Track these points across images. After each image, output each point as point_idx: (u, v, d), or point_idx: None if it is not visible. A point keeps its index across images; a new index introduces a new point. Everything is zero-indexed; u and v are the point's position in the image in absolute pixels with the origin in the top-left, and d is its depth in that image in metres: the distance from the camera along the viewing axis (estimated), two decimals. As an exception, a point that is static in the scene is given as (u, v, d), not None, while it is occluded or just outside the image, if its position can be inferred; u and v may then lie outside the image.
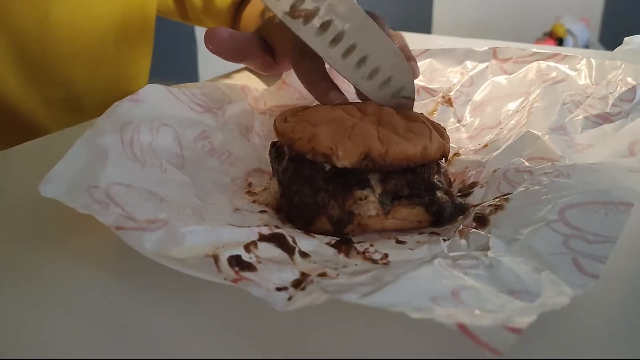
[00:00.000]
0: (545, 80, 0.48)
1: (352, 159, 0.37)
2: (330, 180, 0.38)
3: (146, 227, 0.30)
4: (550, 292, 0.27)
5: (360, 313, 0.30)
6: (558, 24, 2.38)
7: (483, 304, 0.25)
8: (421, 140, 0.39)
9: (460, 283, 0.27)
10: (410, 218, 0.38)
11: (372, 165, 0.37)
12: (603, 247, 0.29)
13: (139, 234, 0.30)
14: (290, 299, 0.27)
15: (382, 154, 0.37)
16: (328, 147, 0.37)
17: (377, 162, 0.37)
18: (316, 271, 0.31)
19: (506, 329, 0.23)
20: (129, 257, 0.32)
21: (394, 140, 0.38)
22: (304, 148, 0.38)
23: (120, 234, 0.30)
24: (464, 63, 0.57)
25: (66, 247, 0.36)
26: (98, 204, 0.32)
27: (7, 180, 0.46)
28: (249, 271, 0.29)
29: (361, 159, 0.37)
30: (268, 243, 0.33)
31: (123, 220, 0.31)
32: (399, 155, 0.38)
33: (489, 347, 0.23)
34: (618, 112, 0.43)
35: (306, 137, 0.38)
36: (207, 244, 0.30)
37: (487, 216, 0.36)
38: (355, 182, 0.38)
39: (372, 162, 0.37)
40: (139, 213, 0.32)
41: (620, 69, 0.46)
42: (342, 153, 0.37)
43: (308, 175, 0.38)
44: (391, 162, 0.38)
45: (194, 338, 0.29)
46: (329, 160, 0.37)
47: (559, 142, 0.41)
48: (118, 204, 0.32)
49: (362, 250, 0.35)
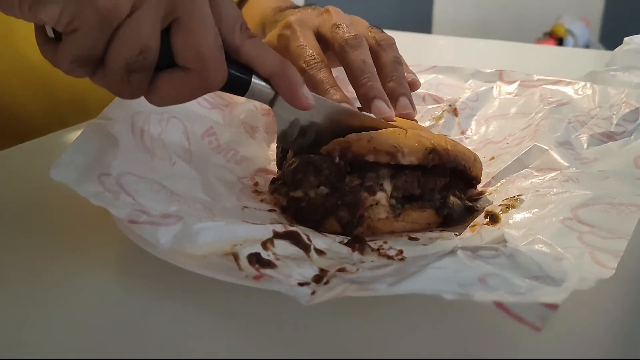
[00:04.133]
0: (550, 103, 0.50)
1: (418, 154, 0.37)
2: (340, 181, 0.37)
3: (161, 221, 0.30)
4: (573, 279, 0.27)
5: (361, 313, 0.30)
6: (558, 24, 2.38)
7: (511, 288, 0.26)
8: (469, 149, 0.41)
9: (485, 271, 0.27)
10: (420, 221, 0.39)
11: (439, 160, 0.37)
12: (617, 242, 0.30)
13: (154, 228, 0.30)
14: (313, 293, 0.28)
15: (446, 149, 0.38)
16: (391, 145, 0.37)
17: (442, 156, 0.37)
18: (335, 267, 0.31)
19: (543, 305, 0.23)
20: (130, 257, 0.32)
21: (451, 142, 0.39)
22: (364, 149, 0.37)
23: (135, 228, 0.30)
24: (470, 82, 0.58)
25: (66, 247, 0.36)
26: (109, 192, 0.32)
27: (8, 180, 0.46)
28: (269, 268, 0.29)
29: (427, 153, 0.37)
30: (283, 240, 0.33)
31: (136, 213, 0.31)
32: (461, 150, 0.38)
33: (527, 323, 0.23)
34: (622, 132, 0.44)
35: (365, 138, 0.37)
36: (222, 240, 0.31)
37: (498, 214, 0.37)
38: (366, 183, 0.37)
39: (438, 156, 0.37)
40: (151, 205, 0.32)
41: (623, 93, 0.47)
42: (407, 150, 0.37)
43: (317, 176, 0.37)
44: (454, 157, 0.38)
45: (195, 338, 0.29)
46: (393, 158, 0.37)
47: (566, 154, 0.42)
48: (129, 193, 0.32)
49: (377, 248, 0.35)
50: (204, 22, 0.31)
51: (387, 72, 0.46)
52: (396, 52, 0.48)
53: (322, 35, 0.49)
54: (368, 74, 0.45)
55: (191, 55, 0.31)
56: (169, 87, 0.32)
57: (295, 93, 0.35)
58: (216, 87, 0.33)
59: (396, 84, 0.46)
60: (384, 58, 0.47)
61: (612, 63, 0.56)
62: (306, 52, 0.46)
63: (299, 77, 0.35)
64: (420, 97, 0.57)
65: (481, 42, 1.12)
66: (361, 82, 0.45)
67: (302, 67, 0.46)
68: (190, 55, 0.31)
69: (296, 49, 0.47)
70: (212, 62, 0.31)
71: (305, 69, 0.46)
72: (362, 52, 0.46)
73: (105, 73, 0.31)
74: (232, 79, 0.34)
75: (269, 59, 0.34)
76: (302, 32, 0.48)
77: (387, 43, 0.48)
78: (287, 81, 0.35)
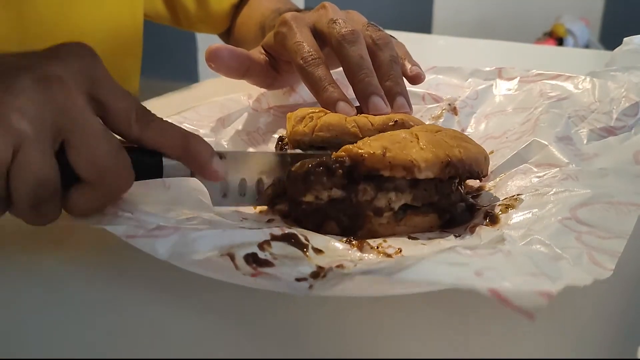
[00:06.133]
0: (550, 98, 0.49)
1: (434, 168, 0.36)
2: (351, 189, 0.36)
3: (158, 234, 0.31)
4: (570, 276, 0.27)
5: (361, 313, 0.30)
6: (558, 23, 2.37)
7: (507, 281, 0.26)
8: (477, 145, 0.39)
9: (482, 265, 0.27)
10: (422, 225, 0.38)
11: (455, 172, 0.36)
12: (615, 242, 0.30)
13: (151, 241, 0.30)
14: (311, 287, 0.28)
15: (460, 159, 0.36)
16: (408, 159, 0.35)
17: (458, 168, 0.36)
18: (333, 264, 0.31)
19: (538, 294, 0.23)
20: (130, 257, 0.32)
21: (462, 144, 0.38)
22: (379, 164, 0.36)
23: (133, 242, 0.30)
24: (469, 80, 0.58)
25: (66, 247, 0.36)
26: (108, 213, 0.32)
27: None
28: (266, 267, 0.30)
29: (443, 167, 0.36)
30: (281, 242, 0.33)
31: (133, 229, 0.31)
32: (473, 157, 0.37)
33: (521, 310, 0.23)
34: (622, 126, 0.44)
35: (378, 151, 0.36)
36: (220, 247, 0.31)
37: (497, 215, 0.36)
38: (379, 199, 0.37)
39: (454, 169, 0.36)
40: (148, 218, 0.32)
41: (623, 87, 0.47)
42: (424, 164, 0.35)
43: (317, 182, 0.37)
44: (469, 166, 0.37)
45: (195, 338, 0.29)
46: (410, 173, 0.35)
47: (566, 150, 0.42)
48: (126, 209, 0.33)
49: (376, 246, 0.35)
50: (91, 136, 0.31)
51: (384, 71, 0.46)
52: (393, 51, 0.47)
53: (319, 31, 0.48)
54: (365, 69, 0.45)
55: (88, 171, 0.31)
56: (83, 201, 0.32)
57: (205, 170, 0.35)
58: (125, 190, 0.33)
59: (393, 83, 0.46)
60: (380, 57, 0.46)
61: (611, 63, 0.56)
62: (303, 48, 0.46)
63: (205, 151, 0.35)
64: (420, 96, 0.57)
65: (481, 42, 1.12)
66: (358, 78, 0.45)
67: (300, 63, 0.45)
68: (88, 172, 0.31)
69: (293, 45, 0.46)
70: (110, 172, 0.31)
71: (302, 65, 0.45)
72: (360, 48, 0.46)
73: (16, 209, 0.31)
74: (144, 169, 0.34)
75: (171, 141, 0.34)
76: (298, 29, 0.47)
77: (384, 42, 0.47)
78: (195, 159, 0.35)
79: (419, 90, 0.56)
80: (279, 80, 0.53)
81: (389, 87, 0.45)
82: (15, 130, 0.29)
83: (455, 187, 0.39)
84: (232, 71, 0.50)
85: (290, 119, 0.44)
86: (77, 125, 0.30)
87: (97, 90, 0.32)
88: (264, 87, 0.54)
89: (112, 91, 0.33)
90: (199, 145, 0.35)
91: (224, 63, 0.49)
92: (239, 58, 0.50)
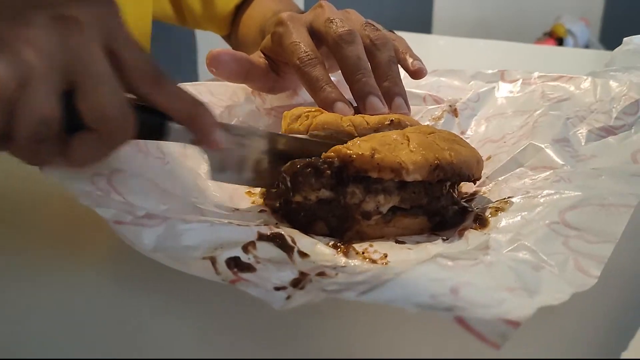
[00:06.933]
0: (550, 99, 0.49)
1: (422, 171, 0.36)
2: (340, 190, 0.36)
3: (145, 223, 0.31)
4: (549, 290, 0.27)
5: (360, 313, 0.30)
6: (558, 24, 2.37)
7: (482, 299, 0.25)
8: (471, 147, 0.39)
9: (460, 280, 0.27)
10: (411, 227, 0.38)
11: (444, 175, 0.36)
12: (603, 247, 0.29)
13: (138, 229, 0.30)
14: (288, 298, 0.27)
15: (450, 162, 0.36)
16: (396, 162, 0.35)
17: (447, 171, 0.36)
18: (315, 271, 0.31)
19: (504, 322, 0.23)
20: (129, 257, 0.32)
21: (454, 147, 0.37)
22: (367, 165, 0.35)
23: (119, 228, 0.30)
24: (472, 83, 0.58)
25: (66, 247, 0.36)
26: (100, 191, 0.32)
27: (8, 179, 0.46)
28: (248, 272, 0.29)
29: (432, 170, 0.36)
30: (267, 243, 0.33)
31: (122, 214, 0.31)
32: (464, 160, 0.37)
33: (486, 340, 0.22)
34: (621, 125, 0.43)
35: (367, 152, 0.36)
36: (206, 242, 0.30)
37: (487, 218, 0.36)
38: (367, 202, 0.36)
39: (443, 172, 0.36)
40: (140, 203, 0.32)
41: (625, 86, 0.46)
42: (412, 167, 0.35)
43: (308, 182, 0.37)
44: (459, 169, 0.36)
45: (194, 338, 0.29)
46: (398, 175, 0.35)
47: (562, 152, 0.41)
48: (119, 192, 0.32)
49: (362, 250, 0.35)
50: (101, 83, 0.30)
51: (382, 72, 0.46)
52: (391, 51, 0.47)
53: (316, 30, 0.48)
54: (362, 70, 0.44)
55: (94, 117, 0.30)
56: (84, 149, 0.31)
57: (206, 137, 0.35)
58: (126, 141, 0.32)
59: (391, 83, 0.45)
60: (378, 57, 0.46)
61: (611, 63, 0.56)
62: (300, 48, 0.45)
63: (211, 120, 0.35)
64: (421, 97, 0.56)
65: (481, 42, 1.12)
66: (355, 78, 0.44)
67: (296, 64, 0.45)
68: (93, 118, 0.30)
69: (289, 45, 0.46)
70: (116, 121, 0.31)
71: (299, 65, 0.45)
72: (357, 48, 0.45)
73: (15, 146, 0.30)
74: (147, 128, 0.33)
75: (180, 105, 0.34)
76: (295, 28, 0.47)
77: (382, 42, 0.47)
78: (199, 126, 0.35)
79: (420, 92, 0.56)
80: (280, 83, 0.53)
81: (387, 87, 0.45)
82: (24, 62, 0.28)
83: (447, 190, 0.38)
84: (233, 75, 0.50)
85: (286, 117, 0.44)
86: (88, 70, 0.30)
87: (113, 41, 0.32)
88: (266, 91, 0.53)
89: (127, 44, 0.32)
90: (206, 113, 0.35)
91: (225, 68, 0.49)
92: (239, 61, 0.50)
